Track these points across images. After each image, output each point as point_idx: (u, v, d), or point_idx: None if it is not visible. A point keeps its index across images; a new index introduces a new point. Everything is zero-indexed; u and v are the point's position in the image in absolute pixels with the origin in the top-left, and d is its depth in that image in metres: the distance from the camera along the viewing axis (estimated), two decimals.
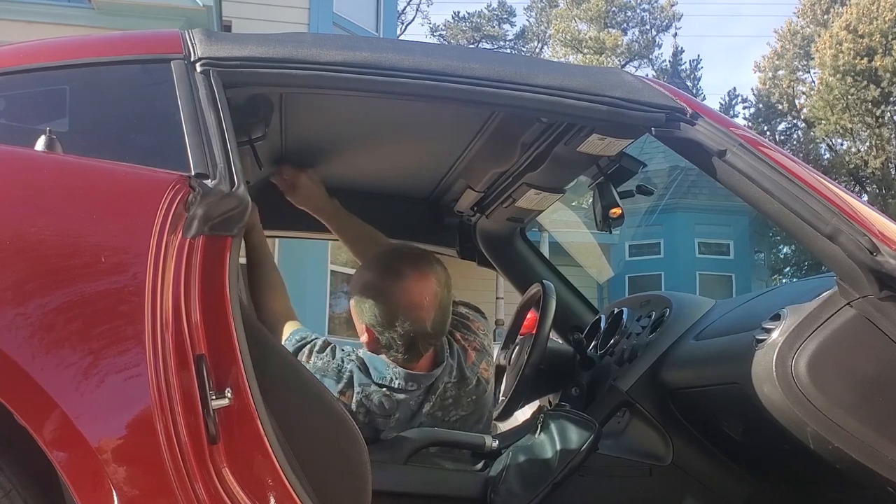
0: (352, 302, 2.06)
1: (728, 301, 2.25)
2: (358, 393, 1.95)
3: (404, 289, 1.98)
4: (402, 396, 1.97)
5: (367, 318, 2.01)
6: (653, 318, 2.25)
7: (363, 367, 1.99)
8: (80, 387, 1.25)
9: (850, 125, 20.70)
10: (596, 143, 1.98)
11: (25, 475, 1.30)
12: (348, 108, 2.08)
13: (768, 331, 1.68)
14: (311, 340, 2.03)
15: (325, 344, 2.03)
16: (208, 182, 1.38)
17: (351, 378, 1.97)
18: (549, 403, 2.37)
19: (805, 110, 22.82)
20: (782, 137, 24.65)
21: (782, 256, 23.84)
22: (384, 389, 1.96)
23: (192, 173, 1.39)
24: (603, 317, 2.53)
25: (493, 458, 2.07)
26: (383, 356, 2.01)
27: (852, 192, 2.74)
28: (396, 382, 1.97)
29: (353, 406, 1.95)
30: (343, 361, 1.99)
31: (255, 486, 1.33)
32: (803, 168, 1.73)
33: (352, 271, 2.23)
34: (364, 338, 2.04)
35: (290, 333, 2.04)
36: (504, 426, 2.34)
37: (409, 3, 29.28)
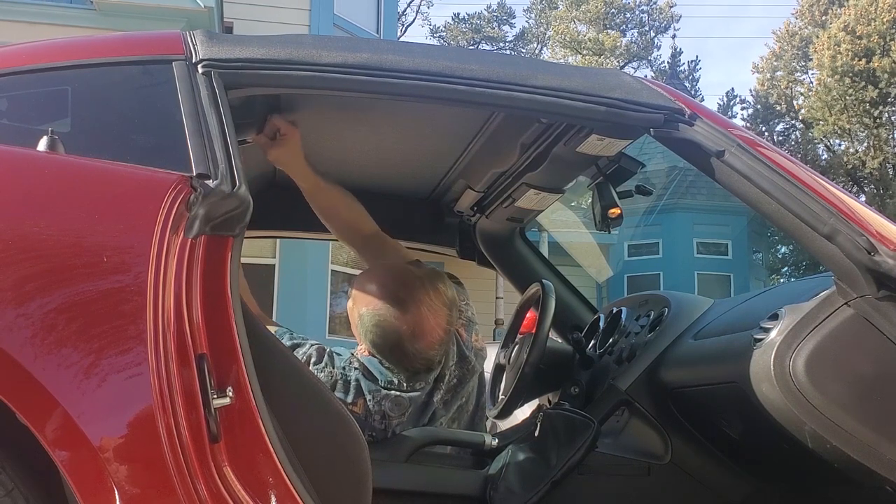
0: (356, 318, 2.00)
1: (726, 300, 2.24)
2: (370, 400, 1.95)
3: (420, 336, 1.95)
4: (413, 394, 1.98)
5: (374, 349, 1.98)
6: (651, 317, 2.25)
7: (368, 374, 1.98)
8: (82, 386, 1.25)
9: (847, 126, 20.70)
10: (595, 144, 1.99)
11: (27, 474, 1.30)
12: (348, 109, 2.09)
13: (766, 330, 1.68)
14: (306, 350, 2.00)
15: (321, 352, 2.00)
16: (210, 182, 1.38)
17: (359, 386, 1.96)
18: (549, 402, 2.37)
19: (803, 111, 22.80)
20: (780, 138, 24.64)
21: (780, 256, 23.82)
22: (393, 392, 1.96)
23: (194, 173, 1.39)
24: (602, 316, 2.53)
25: (492, 456, 2.08)
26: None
27: (850, 192, 2.75)
28: (405, 384, 1.98)
29: (368, 413, 1.95)
30: (345, 370, 1.97)
31: (256, 484, 1.34)
32: (801, 168, 1.74)
33: (353, 271, 2.17)
34: (362, 350, 2.02)
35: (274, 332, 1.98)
36: (503, 425, 2.34)
37: (409, 5, 29.31)
